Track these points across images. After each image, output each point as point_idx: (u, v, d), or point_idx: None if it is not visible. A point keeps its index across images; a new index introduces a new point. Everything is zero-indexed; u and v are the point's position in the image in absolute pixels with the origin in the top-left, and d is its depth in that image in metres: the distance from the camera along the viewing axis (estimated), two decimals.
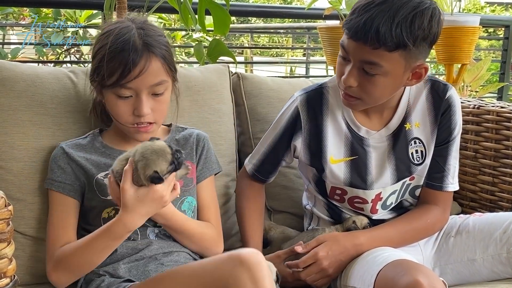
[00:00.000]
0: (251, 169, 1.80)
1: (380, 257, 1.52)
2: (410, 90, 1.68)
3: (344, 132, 1.69)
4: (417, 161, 1.69)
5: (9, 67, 1.69)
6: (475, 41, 3.34)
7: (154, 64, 1.48)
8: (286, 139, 1.73)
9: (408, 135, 1.69)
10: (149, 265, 1.47)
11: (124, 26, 1.50)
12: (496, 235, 1.67)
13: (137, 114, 1.49)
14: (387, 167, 1.68)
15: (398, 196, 1.74)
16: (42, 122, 1.67)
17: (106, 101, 1.54)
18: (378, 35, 1.41)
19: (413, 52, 1.47)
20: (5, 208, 0.86)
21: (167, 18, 5.74)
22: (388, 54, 1.45)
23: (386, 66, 1.47)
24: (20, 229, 1.60)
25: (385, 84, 1.52)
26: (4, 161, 1.62)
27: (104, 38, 1.49)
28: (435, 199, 1.74)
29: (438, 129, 1.68)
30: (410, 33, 1.43)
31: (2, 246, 0.85)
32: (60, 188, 1.54)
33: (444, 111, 1.68)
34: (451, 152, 1.72)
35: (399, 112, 1.68)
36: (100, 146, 1.60)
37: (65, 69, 1.81)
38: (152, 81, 1.48)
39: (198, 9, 2.33)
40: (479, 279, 1.69)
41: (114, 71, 1.45)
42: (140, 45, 1.46)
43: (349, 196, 1.72)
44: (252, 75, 2.15)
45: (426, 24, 1.45)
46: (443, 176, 1.72)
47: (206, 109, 1.92)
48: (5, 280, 0.86)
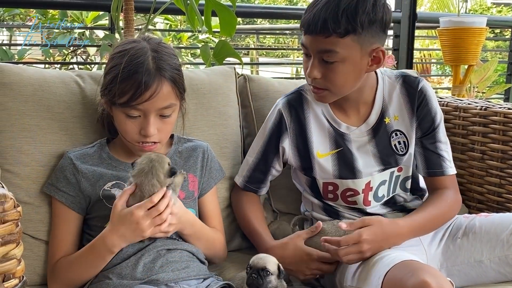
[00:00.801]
0: (242, 182, 1.85)
1: (387, 258, 1.52)
2: (383, 87, 1.78)
3: (326, 128, 1.77)
4: (401, 152, 1.77)
5: (16, 71, 1.70)
6: (482, 42, 3.35)
7: (165, 88, 1.50)
8: (274, 142, 1.80)
9: (388, 128, 1.77)
10: (156, 262, 1.49)
11: (139, 47, 1.51)
12: (503, 236, 1.67)
13: (144, 134, 1.52)
14: (370, 155, 1.75)
15: (389, 188, 1.78)
16: (49, 127, 1.68)
17: (114, 116, 1.56)
18: (326, 23, 1.55)
19: (365, 36, 1.58)
20: (14, 210, 0.86)
21: (173, 19, 5.75)
22: (340, 40, 1.56)
23: (341, 52, 1.58)
24: (28, 232, 1.61)
25: (345, 71, 1.62)
26: (11, 165, 1.63)
27: (119, 56, 1.51)
28: (442, 184, 1.80)
29: (420, 120, 1.76)
30: (356, 17, 1.54)
31: (11, 247, 0.86)
32: (63, 198, 1.56)
33: (420, 102, 1.76)
34: (440, 138, 1.80)
35: (376, 107, 1.76)
36: (106, 157, 1.62)
37: (72, 73, 1.82)
38: (161, 104, 1.51)
39: (205, 10, 2.33)
40: (486, 280, 1.69)
41: (126, 92, 1.47)
42: (153, 69, 1.49)
43: (341, 190, 1.77)
44: (259, 76, 2.15)
45: (370, 8, 1.56)
46: (440, 162, 1.79)
47: (212, 112, 1.93)
48: (14, 281, 0.87)
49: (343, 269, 1.64)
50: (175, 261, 1.51)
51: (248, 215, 1.83)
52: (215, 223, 1.73)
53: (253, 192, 1.87)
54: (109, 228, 1.45)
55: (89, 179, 1.57)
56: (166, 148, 1.69)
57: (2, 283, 0.85)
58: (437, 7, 13.80)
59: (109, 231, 1.45)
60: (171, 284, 1.47)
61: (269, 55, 16.86)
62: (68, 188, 1.57)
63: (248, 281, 1.46)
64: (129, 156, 1.62)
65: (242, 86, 2.07)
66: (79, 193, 1.56)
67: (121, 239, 1.44)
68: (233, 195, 1.91)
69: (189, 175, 1.64)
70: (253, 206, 1.86)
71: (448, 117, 2.27)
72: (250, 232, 1.81)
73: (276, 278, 1.48)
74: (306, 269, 1.65)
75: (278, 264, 1.50)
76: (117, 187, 1.56)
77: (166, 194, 1.43)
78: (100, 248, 1.46)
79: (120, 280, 1.46)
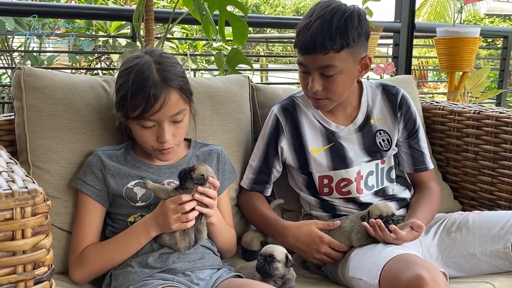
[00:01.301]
0: (249, 184, 1.88)
1: (385, 251, 1.53)
2: (367, 94, 1.88)
3: (318, 127, 1.84)
4: (386, 148, 1.85)
5: (48, 76, 1.70)
6: (476, 51, 3.34)
7: (173, 97, 1.50)
8: (273, 144, 1.85)
9: (373, 128, 1.86)
10: (174, 253, 1.50)
11: (143, 62, 1.51)
12: (494, 231, 1.67)
13: (160, 141, 1.53)
14: (358, 148, 1.83)
15: (377, 179, 1.84)
16: (77, 127, 1.68)
17: (131, 128, 1.57)
18: (324, 42, 1.62)
19: (356, 48, 1.67)
20: (44, 203, 0.87)
21: (190, 28, 5.75)
22: (337, 55, 1.64)
23: (339, 65, 1.66)
24: (56, 224, 1.61)
25: (343, 80, 1.70)
26: (42, 162, 1.64)
27: (126, 74, 1.51)
28: (426, 178, 1.93)
29: (405, 122, 1.88)
30: (348, 33, 1.63)
31: (41, 238, 0.86)
32: (90, 191, 1.57)
33: (401, 106, 1.87)
34: (421, 137, 1.92)
35: (362, 111, 1.86)
36: (131, 159, 1.62)
37: (99, 78, 1.82)
38: (172, 112, 1.51)
39: (219, 20, 2.33)
40: (478, 272, 1.69)
41: (137, 106, 1.48)
42: (159, 81, 1.49)
43: (336, 182, 1.81)
44: (265, 86, 2.15)
45: (357, 24, 1.66)
46: (423, 159, 1.92)
47: (226, 117, 1.93)
48: (43, 268, 0.87)
49: (345, 261, 1.65)
50: (191, 253, 1.52)
51: (259, 208, 1.84)
52: (228, 221, 1.74)
53: (259, 192, 1.89)
54: (152, 213, 1.49)
55: (114, 176, 1.57)
56: (184, 151, 1.69)
57: (33, 270, 0.86)
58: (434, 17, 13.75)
59: (150, 216, 1.49)
60: (187, 273, 1.48)
61: (277, 61, 16.85)
62: (95, 182, 1.57)
63: (257, 266, 1.50)
64: (151, 159, 1.63)
65: (251, 95, 2.07)
66: (104, 188, 1.57)
67: (156, 225, 1.47)
68: (240, 198, 1.91)
69: None
70: (262, 201, 1.87)
71: (443, 120, 2.26)
72: (263, 220, 1.80)
73: (284, 266, 1.49)
74: (316, 252, 1.66)
75: (286, 254, 1.51)
76: (139, 186, 1.57)
77: (193, 197, 1.45)
78: (140, 230, 1.49)
79: (142, 268, 1.47)
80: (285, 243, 1.70)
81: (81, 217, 1.58)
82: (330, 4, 1.68)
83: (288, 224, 1.74)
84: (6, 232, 0.83)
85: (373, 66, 3.53)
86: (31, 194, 0.85)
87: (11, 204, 0.82)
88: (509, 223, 1.66)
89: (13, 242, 0.83)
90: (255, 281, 1.44)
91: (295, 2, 30.08)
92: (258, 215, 1.83)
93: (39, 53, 4.85)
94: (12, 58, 4.87)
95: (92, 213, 1.58)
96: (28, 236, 0.85)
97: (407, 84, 2.22)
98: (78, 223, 1.59)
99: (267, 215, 1.80)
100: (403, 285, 1.37)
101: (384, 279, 1.45)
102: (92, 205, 1.57)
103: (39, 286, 0.86)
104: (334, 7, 1.67)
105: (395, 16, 3.54)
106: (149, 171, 1.59)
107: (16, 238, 0.83)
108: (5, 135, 1.72)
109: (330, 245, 1.65)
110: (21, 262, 0.85)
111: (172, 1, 5.60)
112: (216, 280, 1.49)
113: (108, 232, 1.60)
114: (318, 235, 1.66)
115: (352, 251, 1.65)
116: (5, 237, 0.83)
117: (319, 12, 1.67)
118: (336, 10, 1.66)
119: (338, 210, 1.82)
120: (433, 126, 2.30)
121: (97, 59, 5.50)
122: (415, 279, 1.34)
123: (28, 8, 2.97)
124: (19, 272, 0.85)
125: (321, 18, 1.65)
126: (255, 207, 1.84)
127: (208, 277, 1.50)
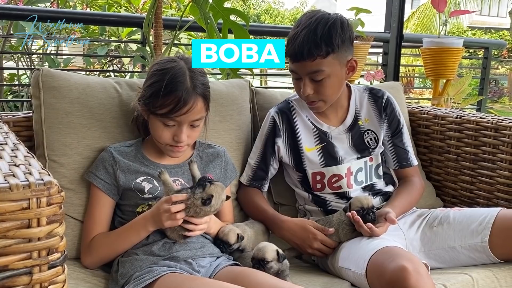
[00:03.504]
0: (248, 180, 1.89)
1: (372, 244, 1.53)
2: (355, 97, 1.89)
3: (311, 128, 1.85)
4: (373, 146, 1.87)
5: (64, 76, 1.70)
6: (459, 60, 3.34)
7: (199, 104, 1.52)
8: (271, 143, 1.86)
9: (362, 128, 1.87)
10: (176, 242, 1.50)
11: (179, 67, 1.52)
12: (473, 226, 1.68)
13: (176, 140, 1.54)
14: (348, 147, 1.84)
15: (366, 175, 1.85)
16: (90, 125, 1.68)
17: (150, 122, 1.57)
18: (310, 50, 1.64)
19: (341, 53, 1.68)
20: (58, 194, 0.87)
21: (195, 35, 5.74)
22: (324, 60, 1.66)
23: (326, 69, 1.67)
24: (69, 213, 1.62)
25: (332, 83, 1.71)
26: (57, 157, 1.64)
27: (161, 74, 1.51)
28: (410, 174, 1.93)
29: (390, 122, 1.88)
30: (332, 40, 1.65)
31: (55, 226, 0.86)
32: (101, 184, 1.57)
33: (386, 108, 1.88)
34: (405, 136, 1.93)
35: (350, 112, 1.87)
36: (140, 157, 1.62)
37: (111, 80, 1.82)
38: (194, 117, 1.53)
39: (222, 28, 2.33)
40: (458, 263, 1.70)
41: (167, 105, 1.48)
42: (190, 88, 1.50)
43: (328, 177, 1.82)
44: (264, 90, 2.15)
45: (340, 30, 1.67)
46: (407, 156, 1.93)
47: (228, 118, 1.93)
48: (57, 254, 0.87)
49: (335, 252, 1.66)
50: (192, 242, 1.52)
51: (258, 202, 1.84)
52: (228, 218, 1.75)
53: (257, 188, 1.89)
54: (150, 210, 1.49)
55: (124, 171, 1.58)
56: (189, 152, 1.69)
57: (47, 256, 0.86)
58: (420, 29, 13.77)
59: (149, 212, 1.49)
60: (189, 261, 1.48)
61: None
62: (106, 177, 1.58)
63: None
64: (159, 157, 1.63)
65: (251, 98, 2.07)
66: (114, 182, 1.57)
67: (153, 221, 1.47)
68: (240, 193, 1.91)
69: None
70: (260, 196, 1.88)
71: (428, 123, 2.26)
72: (262, 214, 1.80)
73: (276, 262, 1.49)
74: (309, 247, 1.67)
75: (277, 250, 1.51)
76: (147, 182, 1.57)
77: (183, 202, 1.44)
78: (140, 224, 1.49)
79: (147, 256, 1.47)
80: (282, 236, 1.71)
81: (92, 208, 1.59)
82: (315, 15, 1.70)
83: (286, 219, 1.74)
84: (23, 220, 0.83)
85: (364, 73, 3.54)
86: (46, 186, 0.85)
87: (28, 195, 0.82)
88: (487, 219, 1.67)
89: (29, 230, 0.83)
90: (252, 269, 1.44)
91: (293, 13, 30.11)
92: (257, 209, 1.82)
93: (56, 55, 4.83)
94: (31, 60, 4.85)
95: (102, 204, 1.58)
96: (43, 225, 0.85)
97: (395, 90, 2.22)
98: (89, 214, 1.59)
99: (266, 209, 1.80)
100: (388, 275, 1.37)
101: (371, 269, 1.45)
102: (102, 198, 1.58)
103: (52, 271, 0.86)
104: (318, 16, 1.68)
105: (385, 27, 3.54)
106: (156, 169, 1.59)
107: (32, 226, 0.83)
108: (24, 131, 1.73)
109: (323, 242, 1.66)
110: (36, 248, 0.85)
111: (180, 9, 5.60)
112: (215, 268, 1.49)
113: (117, 223, 1.61)
114: (312, 232, 1.66)
115: (341, 244, 1.65)
116: (22, 225, 0.83)
117: (305, 22, 1.68)
118: (320, 20, 1.67)
119: (329, 206, 1.82)
120: (418, 129, 2.30)
121: (110, 62, 5.49)
122: (399, 270, 1.34)
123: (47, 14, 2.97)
124: (34, 258, 0.85)
125: (307, 28, 1.66)
126: (254, 203, 1.84)
127: (208, 264, 1.50)
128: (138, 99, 1.59)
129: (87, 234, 1.57)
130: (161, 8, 2.40)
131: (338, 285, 1.56)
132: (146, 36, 2.50)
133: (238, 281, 1.32)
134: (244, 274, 1.39)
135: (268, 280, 1.34)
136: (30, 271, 0.84)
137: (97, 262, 1.56)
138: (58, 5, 4.86)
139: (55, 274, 0.87)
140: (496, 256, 1.64)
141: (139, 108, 1.59)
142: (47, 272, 0.86)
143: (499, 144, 1.99)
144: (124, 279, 1.44)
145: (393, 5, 3.39)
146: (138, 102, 1.58)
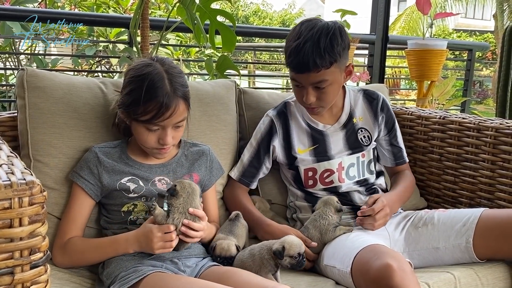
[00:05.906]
0: (238, 176, 1.90)
1: (357, 242, 1.54)
2: (349, 97, 1.94)
3: (305, 130, 1.89)
4: (366, 143, 1.91)
5: (49, 76, 1.68)
6: (443, 62, 3.36)
7: (181, 107, 1.50)
8: (266, 143, 1.89)
9: (356, 126, 1.92)
10: None
11: (156, 72, 1.48)
12: (457, 227, 1.69)
13: (162, 143, 1.52)
14: (341, 143, 1.88)
15: (358, 170, 1.88)
16: (75, 125, 1.66)
17: (133, 128, 1.55)
18: (316, 63, 1.66)
19: (342, 61, 1.73)
20: (40, 194, 0.86)
21: (183, 36, 5.73)
22: (327, 70, 1.69)
23: (330, 78, 1.71)
24: (54, 213, 1.60)
25: (333, 89, 1.76)
26: (42, 156, 1.62)
27: (139, 80, 1.47)
28: (403, 169, 2.03)
29: (385, 122, 1.95)
30: (334, 50, 1.68)
31: (37, 226, 0.86)
32: (84, 184, 1.55)
33: (383, 109, 1.95)
34: (398, 135, 2.00)
35: (345, 111, 1.92)
36: (125, 157, 1.61)
37: (97, 80, 1.80)
38: (177, 119, 1.51)
39: (209, 29, 2.32)
40: (441, 263, 1.71)
41: (149, 112, 1.46)
42: (171, 92, 1.47)
43: (319, 173, 1.86)
44: (252, 90, 2.15)
45: (340, 40, 1.70)
46: (401, 153, 2.01)
47: (214, 118, 1.93)
48: (39, 254, 0.87)
49: None
50: None
51: (244, 203, 1.84)
52: (214, 216, 1.74)
53: (245, 185, 1.90)
54: (134, 234, 1.46)
55: (109, 172, 1.56)
56: (174, 151, 1.67)
57: (29, 256, 0.85)
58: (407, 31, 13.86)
59: (133, 236, 1.45)
60: (175, 260, 1.47)
61: (264, 68, 16.88)
62: (89, 177, 1.56)
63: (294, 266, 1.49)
64: (144, 157, 1.62)
65: (238, 98, 2.06)
66: (98, 182, 1.56)
67: (137, 246, 1.44)
68: (226, 189, 1.91)
69: (194, 174, 1.64)
70: (246, 196, 1.89)
71: (412, 124, 2.28)
72: (248, 215, 1.78)
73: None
74: None
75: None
76: (132, 182, 1.56)
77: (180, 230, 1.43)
78: (120, 245, 1.46)
79: (132, 256, 1.46)
80: (266, 239, 1.70)
81: (71, 207, 1.57)
82: (315, 25, 1.70)
83: (271, 223, 1.75)
84: (4, 220, 0.82)
85: None
86: (28, 185, 0.84)
87: (10, 194, 0.82)
88: (470, 219, 1.68)
89: (11, 230, 0.83)
90: (236, 269, 1.44)
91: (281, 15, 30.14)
92: (243, 210, 1.80)
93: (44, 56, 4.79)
94: (19, 60, 4.82)
95: (81, 205, 1.56)
96: (25, 224, 0.84)
97: (380, 92, 2.22)
98: (68, 213, 1.57)
99: (252, 211, 1.81)
100: (373, 272, 1.38)
101: (356, 267, 1.46)
102: (83, 198, 1.56)
103: (35, 271, 0.86)
104: (319, 28, 1.68)
105: (371, 29, 3.55)
106: (141, 169, 1.58)
107: (14, 225, 0.83)
108: (9, 131, 1.71)
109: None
110: (18, 248, 0.84)
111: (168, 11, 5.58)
112: (201, 267, 1.48)
113: (103, 222, 1.60)
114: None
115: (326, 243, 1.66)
116: (3, 224, 0.82)
117: (306, 34, 1.68)
118: (321, 31, 1.67)
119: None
120: (402, 130, 2.30)
121: (98, 62, 5.46)
122: (384, 267, 1.35)
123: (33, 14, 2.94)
124: (16, 257, 0.84)
125: (310, 41, 1.66)
126: (241, 203, 1.84)
127: (194, 264, 1.49)
128: (118, 106, 1.56)
129: (62, 233, 1.54)
130: (147, 8, 2.39)
131: (323, 284, 1.56)
132: (133, 37, 2.49)
133: (223, 280, 1.32)
134: (229, 274, 1.39)
135: (252, 279, 1.34)
136: (12, 271, 0.84)
137: (67, 265, 1.53)
138: (46, 5, 4.82)
139: (37, 274, 0.86)
140: (478, 256, 1.66)
141: (120, 115, 1.57)
142: (29, 272, 0.85)
143: (481, 144, 2.01)
144: (109, 279, 1.43)
145: (378, 7, 3.40)
146: (119, 108, 1.56)
